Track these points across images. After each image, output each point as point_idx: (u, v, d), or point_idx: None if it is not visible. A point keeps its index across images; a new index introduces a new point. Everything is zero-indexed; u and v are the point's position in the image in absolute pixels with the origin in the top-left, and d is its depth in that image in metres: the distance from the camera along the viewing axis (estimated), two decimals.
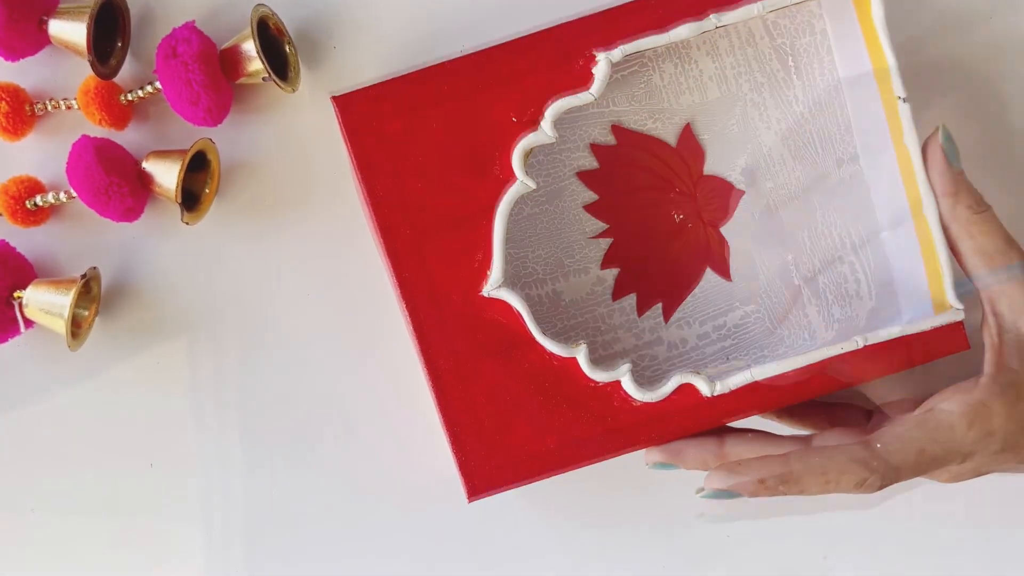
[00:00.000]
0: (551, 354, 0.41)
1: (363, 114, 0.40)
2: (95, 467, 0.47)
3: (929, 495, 0.49)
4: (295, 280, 0.46)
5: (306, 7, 0.46)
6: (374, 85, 0.40)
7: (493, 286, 0.40)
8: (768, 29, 0.45)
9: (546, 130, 0.40)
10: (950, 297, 0.42)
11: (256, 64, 0.43)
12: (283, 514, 0.47)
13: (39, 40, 0.43)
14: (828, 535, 0.49)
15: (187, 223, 0.44)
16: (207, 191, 0.45)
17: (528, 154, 0.40)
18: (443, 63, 0.40)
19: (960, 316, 0.42)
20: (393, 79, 0.40)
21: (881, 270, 0.45)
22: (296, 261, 0.46)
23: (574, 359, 0.41)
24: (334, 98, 0.40)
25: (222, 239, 0.46)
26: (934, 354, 0.42)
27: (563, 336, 0.45)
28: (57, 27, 0.43)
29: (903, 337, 0.41)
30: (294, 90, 0.45)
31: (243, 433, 0.47)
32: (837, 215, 0.46)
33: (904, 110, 0.41)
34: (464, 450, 0.41)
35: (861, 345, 0.41)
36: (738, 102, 0.46)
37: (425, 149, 0.40)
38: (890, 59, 0.41)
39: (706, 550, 0.48)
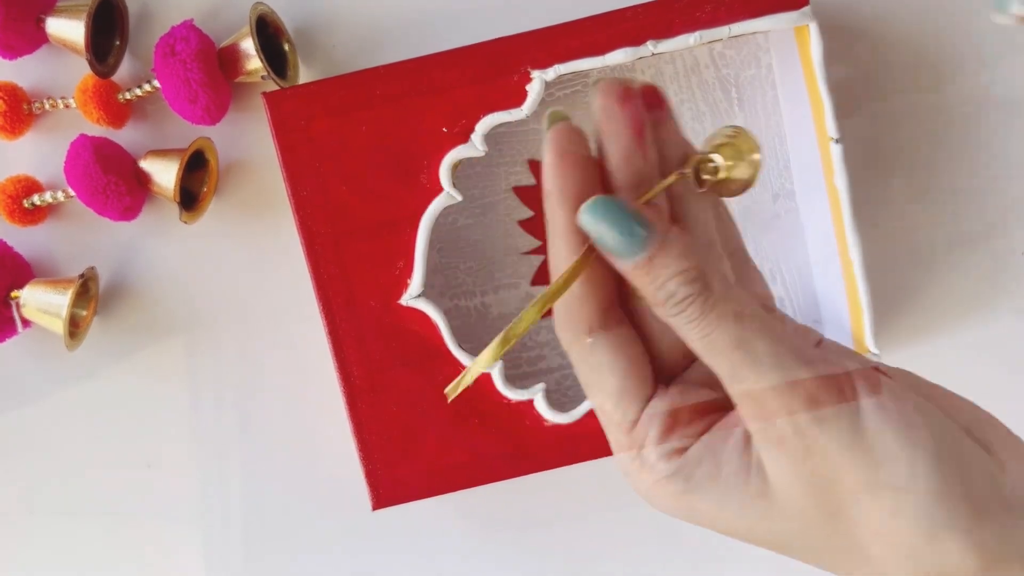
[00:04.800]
0: (466, 368, 0.40)
1: (292, 112, 0.39)
2: (94, 467, 0.46)
3: None
4: (294, 279, 0.45)
5: (305, 6, 0.45)
6: (306, 84, 0.39)
7: (412, 295, 0.40)
8: (714, 59, 0.44)
9: (476, 144, 0.39)
10: (869, 342, 0.40)
11: (255, 62, 0.42)
12: (282, 514, 0.47)
13: (37, 38, 0.43)
14: None
15: (185, 222, 0.44)
16: (205, 190, 0.45)
17: (457, 166, 0.39)
18: (377, 67, 0.39)
19: (876, 361, 0.41)
20: (326, 79, 0.39)
21: (810, 307, 0.44)
22: (294, 260, 0.45)
23: (489, 375, 0.40)
24: (264, 94, 0.39)
25: (220, 238, 0.45)
26: None
27: None
28: (55, 25, 0.42)
29: None
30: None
31: (241, 432, 0.46)
32: (770, 249, 0.45)
33: (836, 151, 0.40)
34: (372, 459, 0.40)
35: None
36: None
37: (353, 152, 0.39)
38: (825, 99, 0.40)
39: (706, 550, 0.48)
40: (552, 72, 0.39)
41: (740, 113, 0.45)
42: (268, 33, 0.44)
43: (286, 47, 0.44)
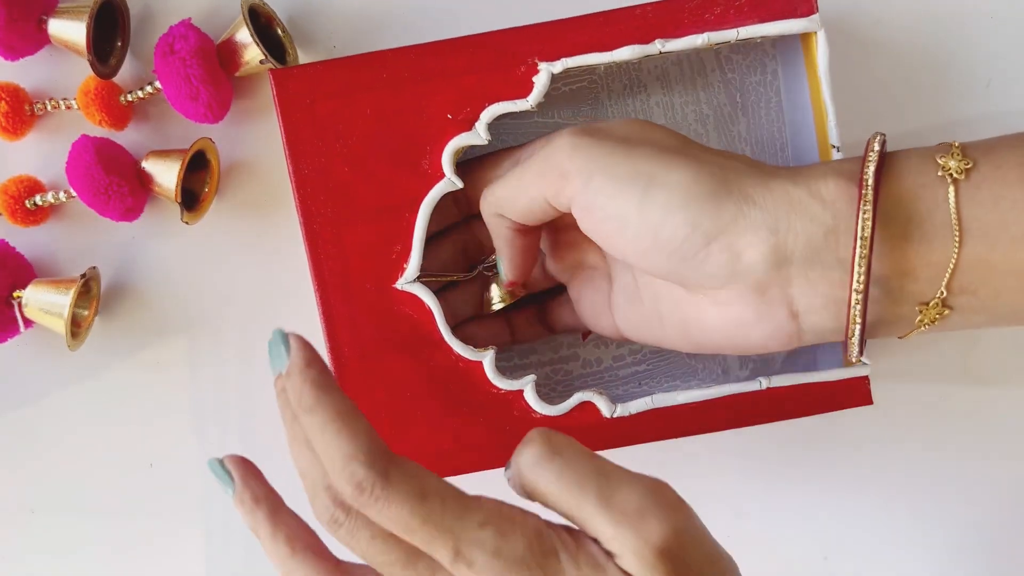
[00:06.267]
0: (458, 355, 0.40)
1: (298, 91, 0.39)
2: (95, 467, 0.46)
3: (929, 496, 0.48)
4: (295, 279, 0.45)
5: None
6: (312, 64, 0.39)
7: (407, 280, 0.39)
8: (720, 62, 0.44)
9: (480, 132, 0.39)
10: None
11: (253, 50, 0.42)
12: None
13: (38, 39, 0.43)
14: (828, 535, 0.48)
15: (187, 222, 0.44)
16: (207, 190, 0.45)
17: (459, 153, 0.39)
18: (384, 51, 0.39)
19: (866, 371, 0.40)
20: (332, 60, 0.39)
21: None
22: (296, 260, 0.45)
23: (480, 363, 0.40)
24: (271, 71, 0.39)
25: (222, 238, 0.45)
26: (837, 405, 0.40)
27: None
28: (56, 26, 0.42)
29: (807, 384, 0.40)
30: None
31: (242, 433, 0.46)
32: None
33: (837, 159, 0.40)
34: None
35: (763, 387, 0.40)
36: (681, 131, 0.44)
37: (357, 134, 0.39)
38: (829, 107, 0.40)
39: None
40: (560, 65, 0.39)
41: (743, 118, 0.44)
42: (261, 23, 0.44)
43: (280, 33, 0.44)
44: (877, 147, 0.35)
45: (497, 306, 0.42)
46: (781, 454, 0.48)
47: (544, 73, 0.39)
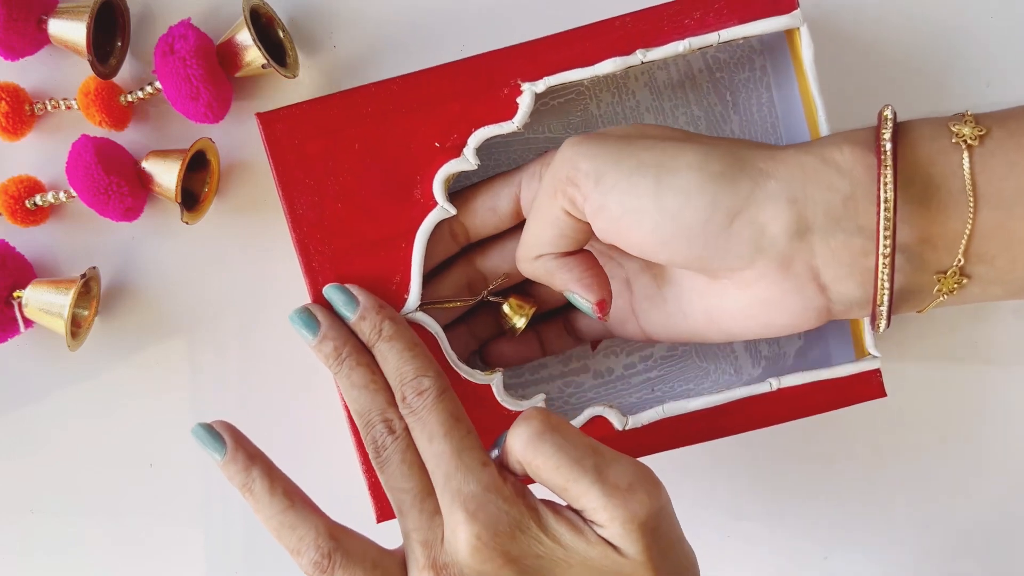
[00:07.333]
0: (467, 380, 0.40)
1: (286, 132, 0.39)
2: (95, 467, 0.46)
3: (929, 496, 0.48)
4: (294, 279, 0.45)
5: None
6: (298, 104, 0.39)
7: (409, 309, 0.39)
8: (708, 63, 0.44)
9: (468, 157, 0.39)
10: (869, 344, 0.40)
11: (253, 52, 0.42)
12: None
13: (38, 39, 0.43)
14: (828, 535, 0.48)
15: (187, 223, 0.44)
16: (206, 191, 0.45)
17: (450, 180, 0.39)
18: (368, 85, 0.39)
19: (877, 364, 0.40)
20: (318, 99, 0.39)
21: None
22: (295, 261, 0.45)
23: (488, 386, 0.40)
24: (258, 115, 0.39)
25: (222, 239, 0.45)
26: (850, 400, 0.40)
27: None
28: (57, 26, 0.42)
29: (820, 381, 0.40)
30: (295, 75, 0.44)
31: (243, 432, 0.46)
32: None
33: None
34: (375, 473, 0.39)
35: (774, 388, 0.40)
36: None
37: (347, 170, 0.39)
38: (817, 101, 0.40)
39: (706, 550, 0.48)
40: (542, 84, 0.39)
41: (735, 116, 0.44)
42: (261, 24, 0.44)
43: (281, 34, 0.44)
44: (890, 115, 0.34)
45: (521, 325, 0.42)
46: (780, 455, 0.47)
47: (527, 94, 0.39)
